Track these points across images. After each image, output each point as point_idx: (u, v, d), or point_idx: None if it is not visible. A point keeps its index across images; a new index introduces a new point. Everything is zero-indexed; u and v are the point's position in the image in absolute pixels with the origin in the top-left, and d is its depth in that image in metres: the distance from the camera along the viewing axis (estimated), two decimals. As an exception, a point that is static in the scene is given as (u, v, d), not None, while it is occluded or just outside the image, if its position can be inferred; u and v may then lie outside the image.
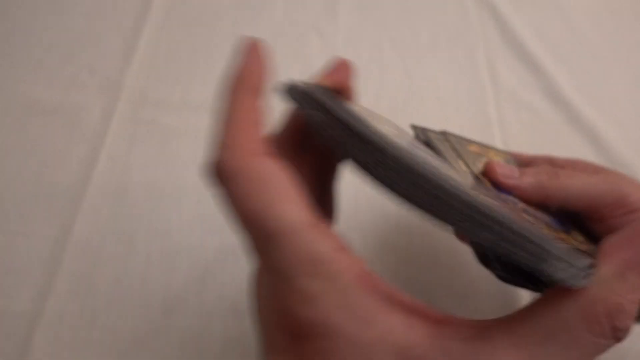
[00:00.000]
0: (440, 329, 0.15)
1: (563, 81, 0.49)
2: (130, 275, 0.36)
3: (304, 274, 0.15)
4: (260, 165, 0.17)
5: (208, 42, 0.49)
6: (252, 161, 0.17)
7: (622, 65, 0.51)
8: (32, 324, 0.34)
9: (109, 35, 0.49)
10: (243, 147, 0.17)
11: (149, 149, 0.42)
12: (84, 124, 0.43)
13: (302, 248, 0.15)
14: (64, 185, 0.40)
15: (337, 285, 0.15)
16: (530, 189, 0.26)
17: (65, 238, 0.37)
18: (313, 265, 0.15)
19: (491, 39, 0.52)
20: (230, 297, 0.36)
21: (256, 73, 0.19)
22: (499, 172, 0.26)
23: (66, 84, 0.46)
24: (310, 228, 0.16)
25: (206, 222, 0.39)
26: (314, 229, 0.16)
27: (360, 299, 0.15)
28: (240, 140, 0.17)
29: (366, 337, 0.15)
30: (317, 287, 0.15)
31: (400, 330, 0.15)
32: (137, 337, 0.34)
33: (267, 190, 0.16)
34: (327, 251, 0.15)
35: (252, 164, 0.17)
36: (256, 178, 0.16)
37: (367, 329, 0.15)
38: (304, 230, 0.16)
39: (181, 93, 0.46)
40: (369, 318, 0.15)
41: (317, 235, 0.16)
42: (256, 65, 0.20)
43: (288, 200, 0.16)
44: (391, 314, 0.15)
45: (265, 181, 0.16)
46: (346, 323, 0.15)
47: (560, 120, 0.47)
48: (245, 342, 0.35)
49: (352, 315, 0.15)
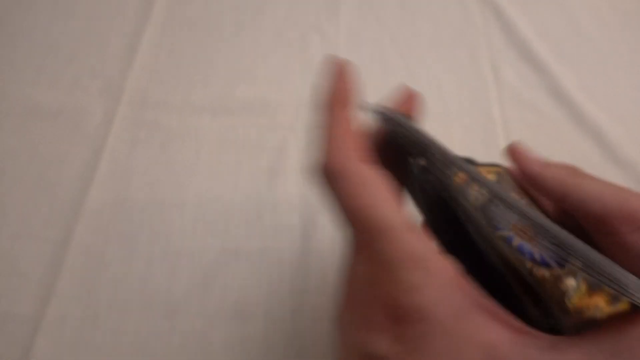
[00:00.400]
0: (521, 337, 0.17)
1: (567, 80, 0.48)
2: (132, 278, 0.36)
3: (408, 267, 0.17)
4: (365, 169, 0.19)
5: (209, 44, 0.49)
6: (359, 165, 0.19)
7: (626, 64, 0.50)
8: (34, 326, 0.34)
9: (111, 37, 0.49)
10: (350, 153, 0.20)
11: (151, 151, 0.42)
12: (85, 126, 0.43)
13: (407, 244, 0.17)
14: (65, 187, 0.40)
15: (436, 281, 0.17)
16: (552, 181, 0.24)
17: (67, 241, 0.37)
18: (417, 261, 0.17)
19: (494, 38, 0.51)
20: (232, 299, 0.36)
21: (349, 91, 0.22)
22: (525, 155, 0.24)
23: (68, 86, 0.46)
24: (409, 229, 0.18)
25: (208, 225, 0.39)
26: (413, 231, 0.18)
27: (455, 296, 0.17)
28: (347, 146, 0.20)
29: (459, 330, 0.16)
30: (419, 279, 0.17)
31: (486, 331, 0.17)
32: (139, 339, 0.34)
33: (373, 192, 0.19)
34: (427, 251, 0.17)
35: (359, 167, 0.19)
36: (363, 180, 0.19)
37: (460, 323, 0.16)
38: (406, 230, 0.18)
39: (183, 95, 0.46)
40: (461, 314, 0.17)
41: (415, 237, 0.18)
42: (347, 83, 0.22)
43: (389, 202, 0.18)
44: (479, 315, 0.17)
45: (371, 183, 0.19)
46: (443, 314, 0.16)
47: (564, 119, 0.46)
48: (247, 344, 0.35)
49: (448, 309, 0.17)
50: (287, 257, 0.38)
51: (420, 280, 0.17)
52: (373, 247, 0.18)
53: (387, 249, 0.17)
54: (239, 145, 0.43)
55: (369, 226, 0.18)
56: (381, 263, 0.18)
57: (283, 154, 0.43)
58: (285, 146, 0.43)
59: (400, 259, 0.17)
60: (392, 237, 0.18)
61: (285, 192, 0.41)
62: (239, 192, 0.41)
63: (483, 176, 0.22)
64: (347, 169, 0.19)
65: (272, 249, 0.38)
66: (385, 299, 0.17)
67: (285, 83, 0.47)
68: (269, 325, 0.35)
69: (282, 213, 0.40)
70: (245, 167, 0.42)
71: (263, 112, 0.45)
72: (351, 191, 0.19)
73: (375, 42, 0.51)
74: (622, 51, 0.51)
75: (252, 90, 0.46)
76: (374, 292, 0.18)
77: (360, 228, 0.19)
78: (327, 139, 0.21)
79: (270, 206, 0.40)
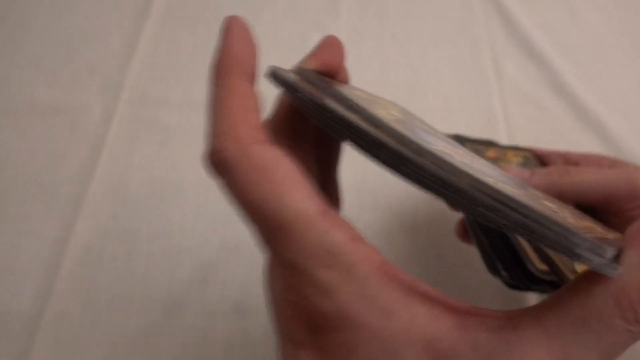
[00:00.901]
0: (466, 320, 0.15)
1: (568, 74, 0.48)
2: (132, 275, 0.36)
3: (319, 266, 0.15)
4: (262, 152, 0.16)
5: (209, 40, 0.49)
6: (253, 149, 0.16)
7: (628, 57, 0.50)
8: (34, 324, 0.34)
9: (110, 34, 0.49)
10: (242, 135, 0.16)
11: (150, 148, 0.42)
12: (84, 124, 0.43)
13: (315, 239, 0.15)
14: (65, 185, 0.40)
15: (355, 277, 0.14)
16: (542, 188, 0.27)
17: (66, 238, 0.37)
18: (329, 257, 0.15)
19: (496, 33, 0.51)
20: (232, 296, 0.36)
21: (245, 53, 0.18)
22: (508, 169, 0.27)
23: (67, 84, 0.46)
24: (322, 217, 0.15)
25: (208, 221, 0.39)
26: (326, 218, 0.15)
27: (380, 290, 0.15)
28: (238, 127, 0.16)
29: (389, 329, 0.14)
30: (334, 278, 0.14)
31: (424, 322, 0.14)
32: (139, 336, 0.34)
33: (272, 179, 0.15)
34: (342, 241, 0.15)
35: (254, 151, 0.16)
36: (259, 166, 0.16)
37: (389, 321, 0.14)
38: (316, 219, 0.15)
39: (182, 91, 0.46)
40: (391, 309, 0.14)
41: (330, 224, 0.15)
42: (244, 45, 0.18)
43: (295, 188, 0.15)
44: (414, 305, 0.15)
45: (269, 169, 0.16)
46: (367, 315, 0.14)
47: (565, 113, 0.46)
48: (248, 341, 0.34)
49: (373, 307, 0.14)
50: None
51: (335, 280, 0.14)
52: (279, 247, 0.15)
53: (294, 247, 0.15)
54: (238, 142, 0.43)
55: (270, 223, 0.15)
56: (290, 265, 0.15)
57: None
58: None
59: (310, 257, 0.15)
60: (299, 231, 0.15)
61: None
62: (239, 189, 0.40)
63: None
64: (242, 156, 0.16)
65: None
66: (301, 306, 0.15)
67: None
68: (269, 322, 0.35)
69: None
70: (245, 164, 0.42)
71: (263, 108, 0.45)
72: (245, 182, 0.15)
73: (375, 37, 0.50)
74: (625, 44, 0.51)
75: (252, 86, 0.46)
76: (289, 299, 0.15)
77: (262, 225, 0.16)
78: (215, 117, 0.17)
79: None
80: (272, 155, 0.16)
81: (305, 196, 0.15)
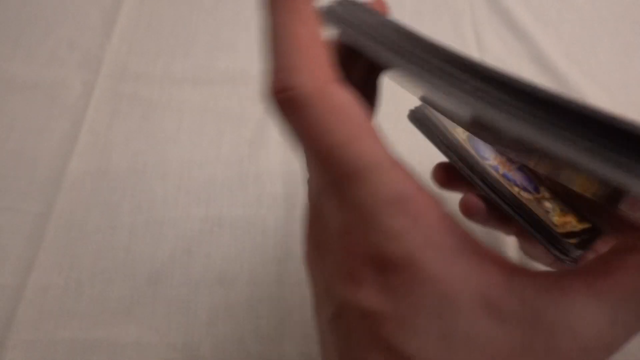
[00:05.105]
0: (515, 276, 0.15)
1: (550, 47, 0.48)
2: (115, 247, 0.36)
3: (390, 212, 0.15)
4: (340, 94, 0.15)
5: (189, 14, 0.49)
6: (331, 89, 0.15)
7: (610, 31, 0.50)
8: (16, 297, 0.34)
9: (88, 8, 0.48)
10: (318, 72, 0.15)
11: (131, 123, 0.42)
12: (64, 99, 0.43)
13: (388, 186, 0.15)
14: (45, 160, 0.40)
15: (421, 224, 0.15)
16: None
17: (48, 212, 0.37)
18: (399, 204, 0.15)
19: (477, 6, 0.51)
20: (215, 267, 0.36)
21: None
22: None
23: (45, 59, 0.45)
24: (393, 167, 0.15)
25: (190, 194, 0.39)
26: (397, 167, 0.15)
27: (443, 239, 0.15)
28: (314, 62, 0.15)
29: (449, 276, 0.15)
30: (403, 225, 0.15)
31: (478, 273, 0.15)
32: (123, 307, 0.34)
33: (349, 123, 0.15)
34: (411, 191, 0.15)
35: (332, 92, 0.15)
36: (336, 109, 0.15)
37: (450, 268, 0.15)
38: (389, 168, 0.15)
39: (163, 66, 0.45)
40: (451, 258, 0.15)
41: (400, 174, 0.15)
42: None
43: (371, 134, 0.15)
44: (469, 256, 0.15)
45: (346, 113, 0.15)
46: (430, 260, 0.15)
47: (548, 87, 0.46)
48: (232, 311, 0.35)
49: (435, 254, 0.15)
50: (271, 225, 0.38)
51: (404, 226, 0.15)
52: (349, 192, 0.15)
53: (367, 194, 0.15)
54: (220, 116, 0.43)
55: (344, 168, 0.15)
56: (360, 210, 0.15)
57: (265, 124, 0.42)
58: (267, 116, 0.43)
59: (381, 203, 0.15)
60: (372, 178, 0.15)
61: (268, 162, 0.41)
62: (221, 162, 0.40)
63: None
64: (315, 94, 0.15)
65: (256, 217, 0.38)
66: (367, 248, 0.15)
67: (267, 53, 0.46)
68: (254, 291, 0.35)
69: (266, 182, 0.40)
70: (227, 137, 0.42)
71: (244, 82, 0.44)
72: (321, 124, 0.15)
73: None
74: (605, 17, 0.51)
75: (233, 60, 0.46)
76: (352, 241, 0.16)
77: (332, 170, 0.15)
78: (283, 48, 0.15)
79: (254, 175, 0.40)
80: (347, 98, 0.15)
81: (377, 144, 0.15)
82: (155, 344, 0.33)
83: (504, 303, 0.14)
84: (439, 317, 0.14)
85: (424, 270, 0.15)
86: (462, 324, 0.14)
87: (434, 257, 0.15)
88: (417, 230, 0.15)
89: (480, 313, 0.14)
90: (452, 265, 0.15)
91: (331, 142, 0.15)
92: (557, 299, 0.14)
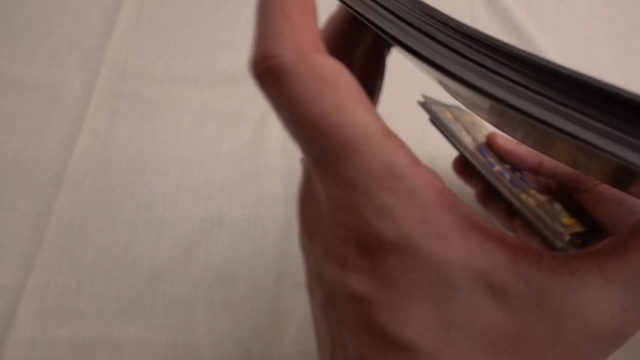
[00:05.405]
0: (520, 256, 0.14)
1: (549, 47, 0.48)
2: (115, 246, 0.36)
3: (381, 188, 0.14)
4: (325, 62, 0.14)
5: (189, 15, 0.49)
6: (315, 57, 0.14)
7: (608, 31, 0.50)
8: (16, 296, 0.34)
9: (88, 9, 0.48)
10: (303, 40, 0.14)
11: (131, 123, 0.42)
12: (64, 100, 0.43)
13: (380, 159, 0.14)
14: (46, 159, 0.40)
15: (416, 202, 0.14)
16: (526, 155, 0.30)
17: (48, 212, 0.37)
18: (392, 179, 0.14)
19: (477, 6, 0.51)
20: (215, 266, 0.36)
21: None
22: (500, 142, 0.31)
23: (46, 59, 0.45)
24: (386, 138, 0.14)
25: (190, 193, 0.39)
26: (389, 139, 0.14)
27: (440, 217, 0.14)
28: (298, 30, 0.14)
29: (447, 257, 0.14)
30: (396, 202, 0.14)
31: (479, 253, 0.14)
32: (123, 306, 0.34)
33: (335, 92, 0.14)
34: (405, 164, 0.14)
35: (316, 60, 0.14)
36: (321, 77, 0.14)
37: (447, 249, 0.14)
38: (381, 139, 0.14)
39: (163, 66, 0.45)
40: (449, 237, 0.14)
41: (394, 146, 0.14)
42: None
43: (360, 104, 0.14)
44: (470, 235, 0.14)
45: (333, 81, 0.14)
46: (426, 241, 0.14)
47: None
48: (231, 310, 0.35)
49: (432, 234, 0.14)
50: (270, 224, 0.38)
51: (397, 203, 0.14)
52: (337, 167, 0.14)
53: (356, 167, 0.14)
54: (220, 116, 0.43)
55: (331, 139, 0.14)
56: (348, 186, 0.14)
57: (265, 124, 0.43)
58: (266, 116, 0.43)
59: (373, 178, 0.14)
60: (361, 150, 0.14)
61: (268, 162, 0.41)
62: (221, 162, 0.41)
63: None
64: (298, 62, 0.14)
65: (255, 217, 0.38)
66: (357, 228, 0.14)
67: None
68: (253, 291, 0.35)
69: (265, 182, 0.40)
70: (227, 138, 0.42)
71: (244, 82, 0.45)
72: (305, 93, 0.14)
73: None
74: (606, 18, 0.51)
75: (233, 61, 0.46)
76: (342, 221, 0.15)
77: (320, 142, 0.14)
78: (269, 17, 0.15)
79: (253, 175, 0.40)
80: (335, 67, 0.14)
81: (369, 113, 0.14)
82: (155, 342, 0.33)
83: (507, 285, 0.13)
84: (436, 301, 0.14)
85: (419, 251, 0.14)
86: (461, 308, 0.14)
87: (429, 237, 0.14)
88: (412, 208, 0.14)
89: (482, 296, 0.14)
90: (451, 246, 0.14)
91: (316, 112, 0.14)
92: (565, 281, 0.13)
